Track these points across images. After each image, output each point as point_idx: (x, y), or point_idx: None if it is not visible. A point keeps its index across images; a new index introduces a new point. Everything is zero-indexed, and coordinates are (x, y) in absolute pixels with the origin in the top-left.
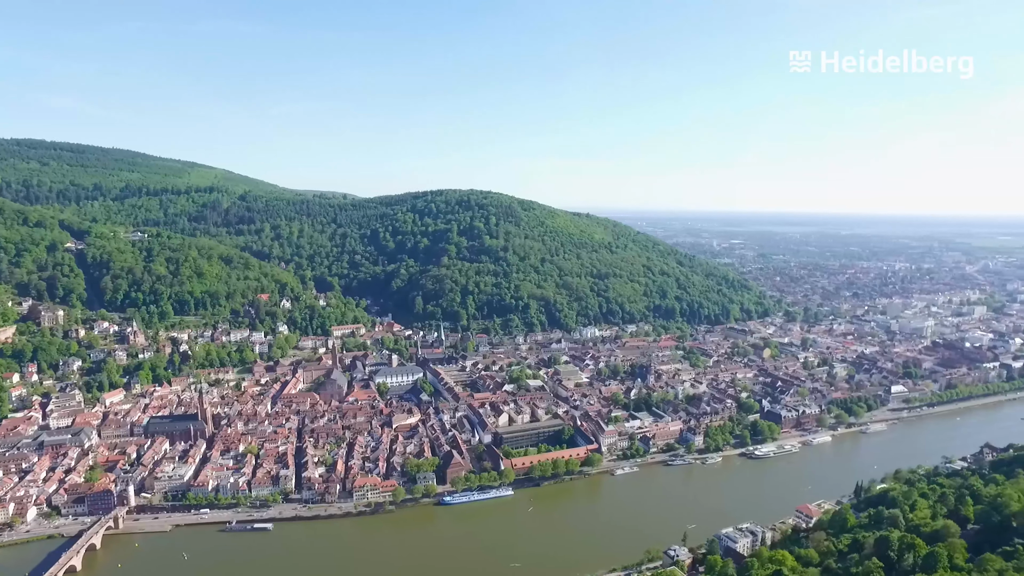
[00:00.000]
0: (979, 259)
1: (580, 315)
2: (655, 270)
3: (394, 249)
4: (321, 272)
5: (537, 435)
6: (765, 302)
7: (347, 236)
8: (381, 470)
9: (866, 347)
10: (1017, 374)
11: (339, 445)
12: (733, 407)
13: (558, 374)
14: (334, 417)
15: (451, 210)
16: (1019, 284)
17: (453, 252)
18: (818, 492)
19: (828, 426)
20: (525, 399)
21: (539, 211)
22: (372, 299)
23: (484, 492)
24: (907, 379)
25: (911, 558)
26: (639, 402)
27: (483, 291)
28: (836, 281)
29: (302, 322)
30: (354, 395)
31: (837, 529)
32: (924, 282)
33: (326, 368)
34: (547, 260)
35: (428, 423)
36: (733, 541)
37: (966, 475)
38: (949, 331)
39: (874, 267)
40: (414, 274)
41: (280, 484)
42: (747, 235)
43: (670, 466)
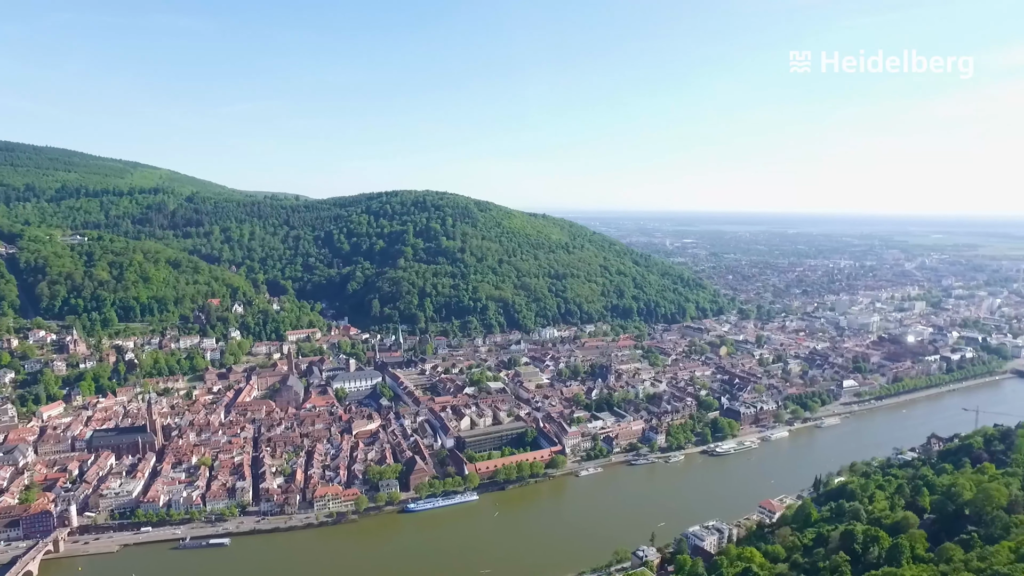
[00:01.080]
0: (916, 256)
1: (539, 316)
2: (612, 270)
3: (349, 251)
4: (274, 275)
5: (500, 438)
6: (720, 300)
7: (300, 238)
8: (342, 478)
9: (817, 343)
10: (956, 366)
11: (298, 454)
12: (693, 405)
13: (519, 376)
14: (291, 425)
15: (407, 211)
16: (953, 280)
17: (410, 254)
18: (779, 487)
19: (785, 421)
20: (487, 402)
21: (496, 212)
22: (327, 302)
23: (449, 498)
24: (857, 373)
25: (876, 551)
26: (600, 402)
27: (441, 293)
28: (786, 279)
29: (255, 327)
30: (311, 401)
31: (801, 524)
32: (868, 279)
33: (282, 374)
34: (505, 261)
35: (389, 428)
36: (700, 539)
37: (917, 465)
38: (893, 326)
39: (821, 265)
40: (370, 276)
41: (236, 496)
42: (699, 234)
43: (634, 465)
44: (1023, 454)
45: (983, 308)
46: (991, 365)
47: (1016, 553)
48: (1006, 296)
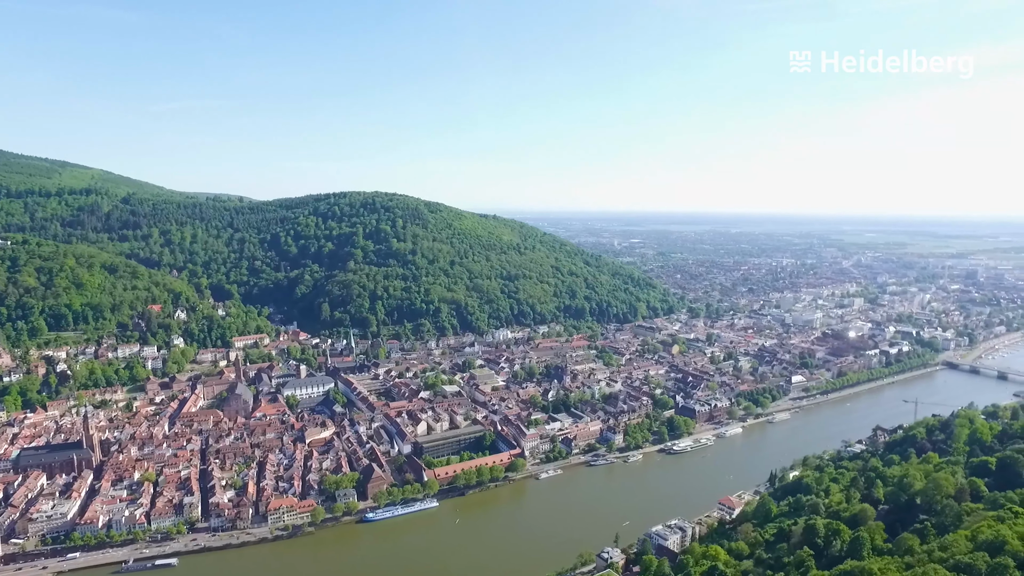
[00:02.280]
0: (852, 254)
1: (492, 317)
2: (564, 270)
3: (297, 254)
4: (218, 280)
5: (458, 442)
6: (670, 299)
7: (245, 241)
8: (297, 489)
9: (765, 340)
10: (893, 360)
11: (249, 465)
12: (649, 404)
13: (474, 378)
14: (241, 435)
15: (356, 213)
16: (887, 277)
17: (360, 256)
18: (736, 483)
19: (738, 418)
20: (443, 406)
21: (446, 213)
22: (275, 307)
23: (408, 505)
24: (804, 369)
25: (838, 544)
26: (557, 403)
27: (392, 295)
28: (732, 277)
29: (199, 334)
30: (261, 410)
31: (761, 519)
32: (809, 277)
33: (229, 382)
34: (456, 262)
35: (343, 436)
36: (663, 539)
37: (866, 457)
38: (835, 322)
39: (764, 263)
40: (319, 280)
41: (184, 513)
42: (645, 234)
43: (593, 466)
44: (961, 442)
45: (915, 303)
46: (925, 358)
47: (974, 541)
48: (934, 292)
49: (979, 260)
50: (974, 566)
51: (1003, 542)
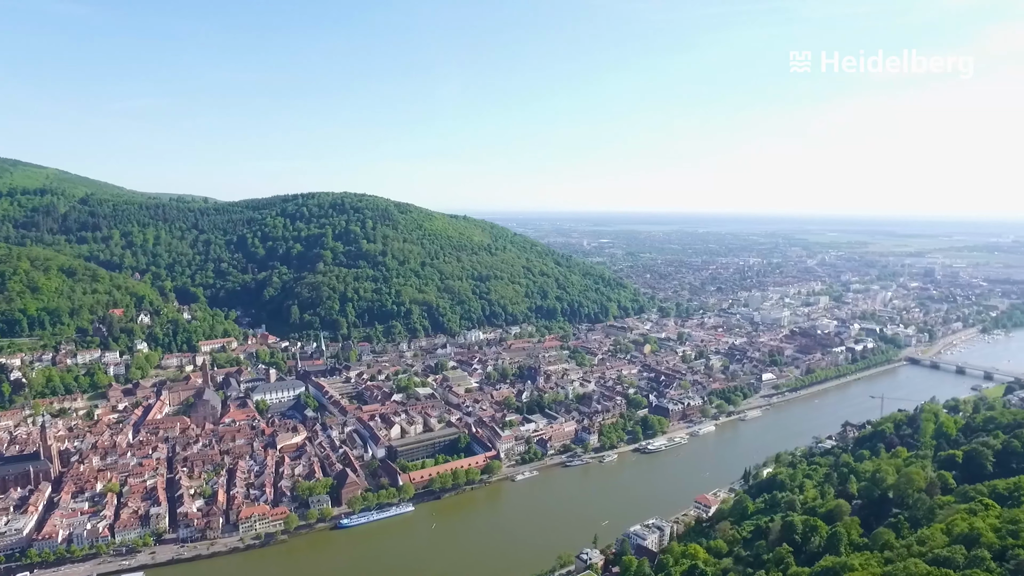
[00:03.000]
0: (816, 253)
1: (463, 318)
2: (535, 271)
3: (264, 256)
4: (183, 282)
5: (433, 445)
6: (640, 299)
7: (211, 243)
8: (269, 496)
9: (735, 338)
10: (859, 356)
11: (218, 473)
12: (623, 404)
13: (447, 380)
14: (210, 442)
15: (324, 214)
16: (850, 275)
17: (329, 258)
18: (711, 481)
19: (711, 416)
20: (416, 408)
21: (416, 214)
22: (243, 310)
23: (384, 510)
24: (773, 367)
25: (816, 540)
26: (531, 404)
27: (363, 297)
28: (701, 277)
29: (164, 338)
30: (230, 415)
31: (738, 517)
32: (776, 275)
33: (196, 387)
34: (427, 264)
35: (316, 441)
36: (642, 538)
37: (837, 453)
38: (801, 320)
39: (732, 263)
40: (288, 282)
41: (151, 524)
42: (614, 234)
43: (569, 467)
44: (928, 436)
45: (877, 301)
46: (888, 354)
47: (950, 535)
48: (895, 289)
49: (936, 259)
50: (952, 559)
51: (978, 535)
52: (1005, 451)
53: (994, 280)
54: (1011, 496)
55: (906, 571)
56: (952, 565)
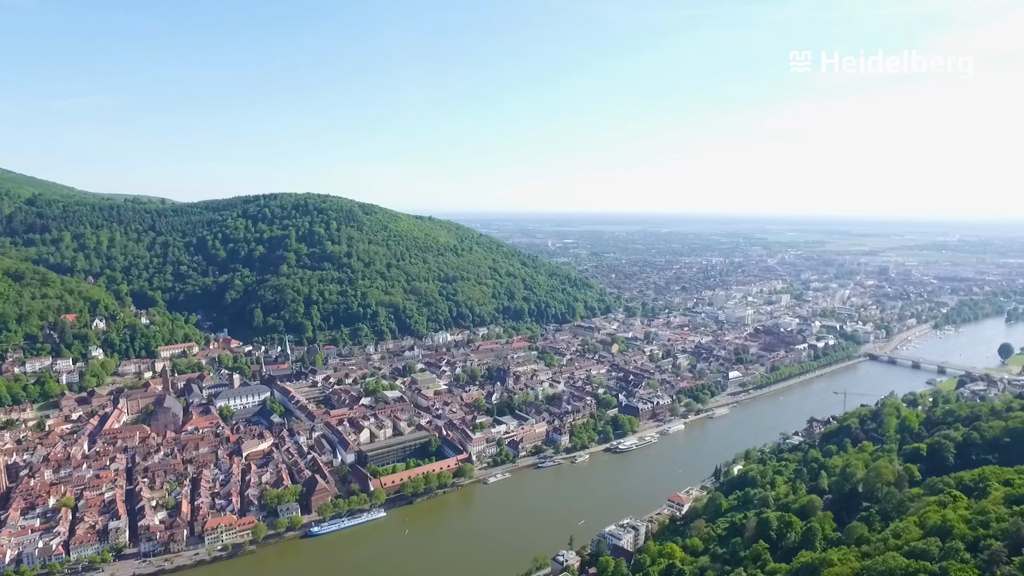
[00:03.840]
0: (776, 252)
1: (431, 320)
2: (501, 272)
3: (226, 258)
4: (140, 286)
5: (403, 449)
6: (606, 299)
7: (169, 245)
8: (235, 506)
9: (701, 337)
10: (821, 353)
11: (181, 483)
12: (593, 404)
13: (415, 383)
14: (172, 451)
15: (287, 215)
16: (810, 274)
17: (293, 260)
18: (683, 479)
19: (680, 415)
20: (385, 412)
21: (381, 215)
22: (204, 314)
23: (355, 517)
24: (739, 364)
25: (792, 536)
26: (501, 406)
27: (328, 300)
28: (665, 276)
29: (121, 344)
30: (193, 423)
31: (712, 515)
32: (738, 274)
33: (156, 395)
34: (393, 265)
35: (283, 447)
36: (617, 539)
37: (805, 448)
38: (765, 318)
39: (695, 262)
40: (250, 284)
41: (110, 539)
42: (578, 234)
43: (541, 468)
44: (892, 430)
45: (836, 299)
46: (848, 350)
47: (923, 527)
48: (852, 287)
49: (889, 257)
50: (928, 551)
51: (951, 527)
52: (965, 443)
53: (943, 278)
54: (977, 487)
55: (885, 565)
56: (928, 557)
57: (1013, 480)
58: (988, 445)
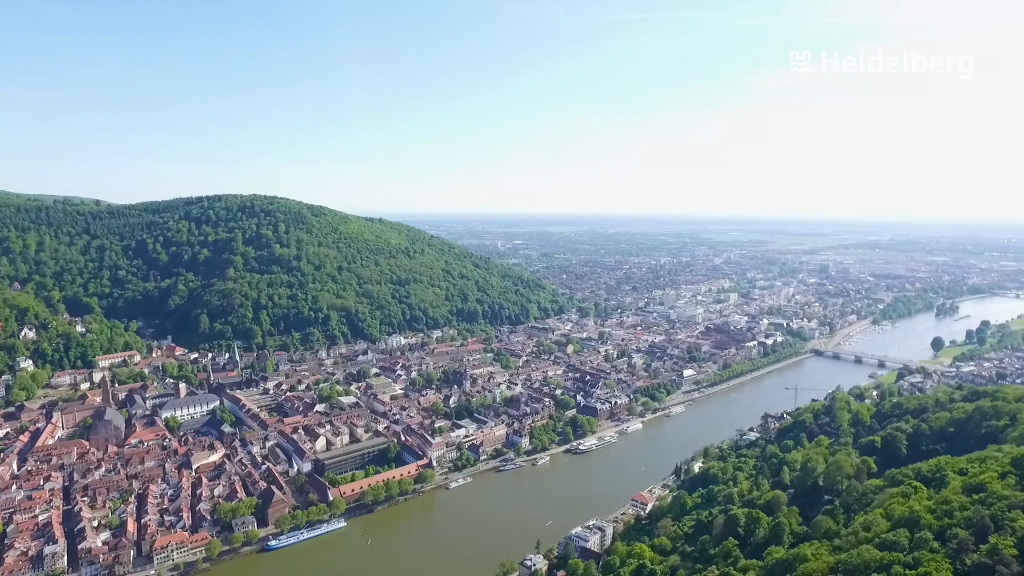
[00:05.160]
0: (722, 252)
1: (384, 323)
2: (454, 273)
3: (168, 262)
4: (74, 292)
5: (361, 457)
6: (559, 300)
7: (106, 249)
8: (186, 522)
9: (654, 336)
10: (770, 350)
11: (126, 500)
12: (551, 405)
13: (371, 388)
14: (114, 466)
15: (233, 217)
16: (755, 273)
17: (240, 263)
18: (645, 478)
19: (638, 414)
20: (341, 418)
21: (331, 217)
22: (145, 320)
23: (314, 528)
24: (693, 363)
25: (760, 532)
26: (460, 409)
27: (278, 304)
28: (616, 276)
29: (54, 354)
30: (137, 436)
31: (677, 513)
32: (686, 274)
33: (94, 407)
34: (344, 268)
35: (235, 458)
36: (584, 540)
37: (762, 444)
38: (714, 316)
39: (644, 262)
40: (195, 289)
41: (45, 566)
42: (527, 235)
43: (502, 471)
44: (846, 424)
45: (781, 296)
46: (795, 347)
47: (890, 519)
48: (796, 285)
49: (828, 256)
50: (898, 542)
51: (917, 517)
52: (915, 434)
53: (879, 275)
54: (934, 478)
55: (860, 558)
56: (899, 549)
57: (967, 469)
58: (935, 435)
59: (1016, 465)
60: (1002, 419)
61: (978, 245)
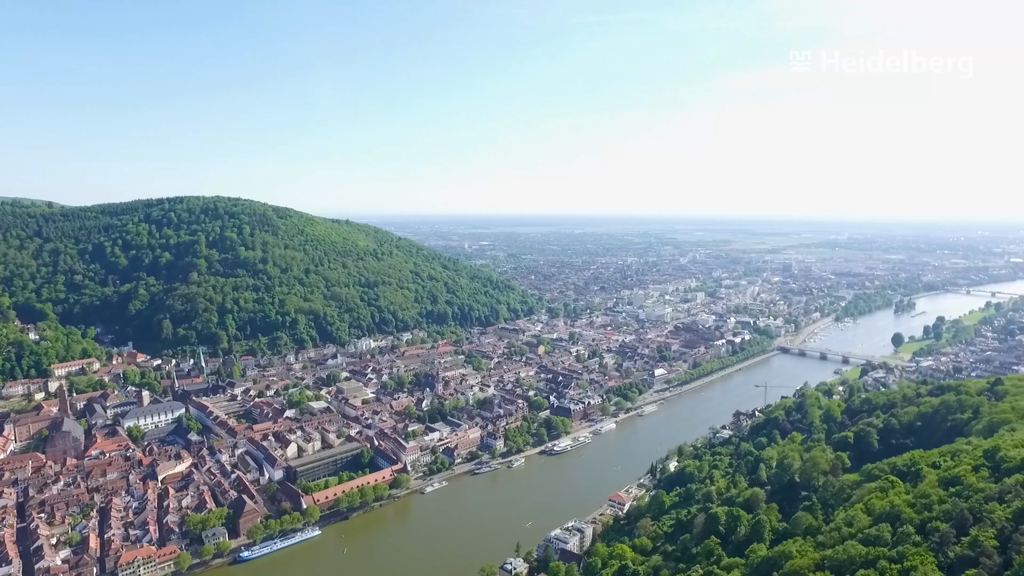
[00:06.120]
0: (688, 252)
1: (353, 327)
2: (423, 275)
3: (128, 266)
4: (26, 298)
5: (335, 463)
6: (529, 300)
7: (60, 252)
8: (153, 536)
9: (624, 336)
10: (738, 348)
11: (87, 515)
12: (524, 406)
13: (341, 392)
14: (74, 479)
15: (196, 220)
16: (721, 272)
17: (204, 267)
18: (621, 478)
19: (611, 414)
20: (312, 424)
21: (297, 219)
22: (104, 327)
23: (288, 538)
24: (663, 362)
25: (742, 529)
26: (433, 413)
27: (244, 308)
28: (584, 277)
29: (5, 363)
30: (97, 447)
31: (656, 512)
32: (654, 274)
33: (51, 418)
34: (312, 271)
35: (204, 467)
36: (564, 542)
37: (736, 442)
38: (683, 316)
39: (612, 262)
40: (157, 294)
41: None
42: (494, 236)
43: (478, 474)
44: (817, 420)
45: (747, 295)
46: (763, 344)
47: (871, 514)
48: (761, 284)
49: (790, 255)
50: (881, 537)
51: (898, 512)
52: (885, 429)
53: (839, 273)
54: (910, 472)
55: (846, 554)
56: (882, 543)
57: (940, 463)
58: (904, 430)
59: (988, 458)
60: (966, 412)
61: (931, 244)
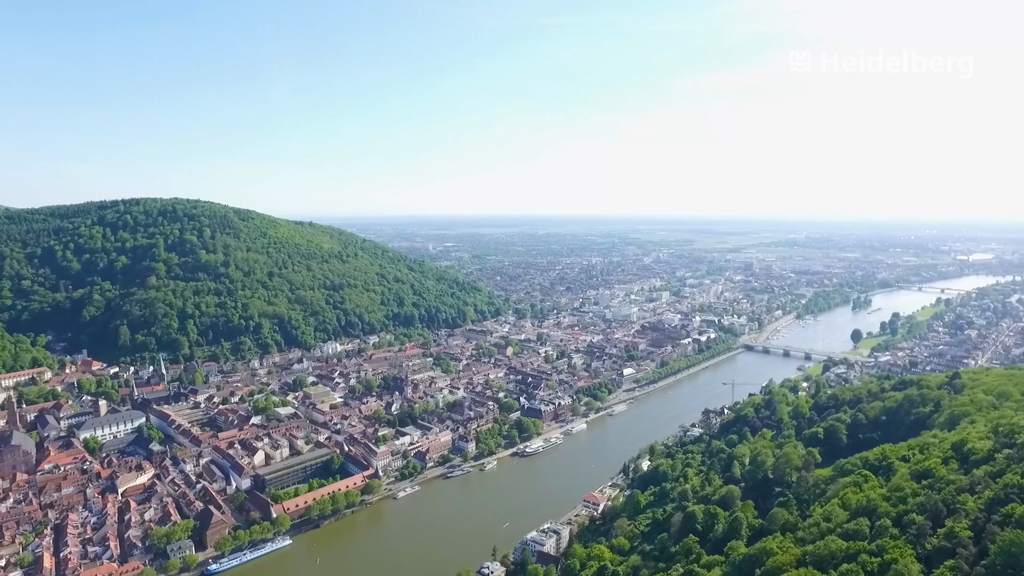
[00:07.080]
0: (651, 252)
1: (318, 330)
2: (389, 277)
3: (81, 271)
4: None
5: (304, 470)
6: (495, 302)
7: (6, 257)
8: (114, 552)
9: (592, 336)
10: (704, 347)
11: (40, 533)
12: (495, 408)
13: (309, 397)
14: (25, 496)
15: (153, 222)
16: (685, 271)
17: (162, 271)
18: (594, 478)
19: (581, 414)
20: (279, 431)
21: (259, 221)
22: (56, 334)
23: (258, 548)
24: (631, 361)
25: (719, 527)
26: (403, 416)
27: (205, 313)
28: (549, 277)
29: None
30: (51, 460)
31: (632, 512)
32: (618, 274)
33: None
34: (275, 274)
35: (167, 478)
36: (540, 544)
37: (706, 439)
38: (649, 315)
39: (577, 263)
40: (113, 299)
41: None
42: (457, 237)
43: (450, 478)
44: (786, 416)
45: (711, 294)
46: (728, 343)
47: (848, 509)
48: (724, 282)
49: (751, 254)
50: (860, 531)
51: (874, 506)
52: (853, 424)
53: (799, 271)
54: (881, 466)
55: (827, 549)
56: (861, 537)
57: (909, 456)
58: (871, 424)
59: (956, 450)
60: (928, 406)
61: (884, 242)
